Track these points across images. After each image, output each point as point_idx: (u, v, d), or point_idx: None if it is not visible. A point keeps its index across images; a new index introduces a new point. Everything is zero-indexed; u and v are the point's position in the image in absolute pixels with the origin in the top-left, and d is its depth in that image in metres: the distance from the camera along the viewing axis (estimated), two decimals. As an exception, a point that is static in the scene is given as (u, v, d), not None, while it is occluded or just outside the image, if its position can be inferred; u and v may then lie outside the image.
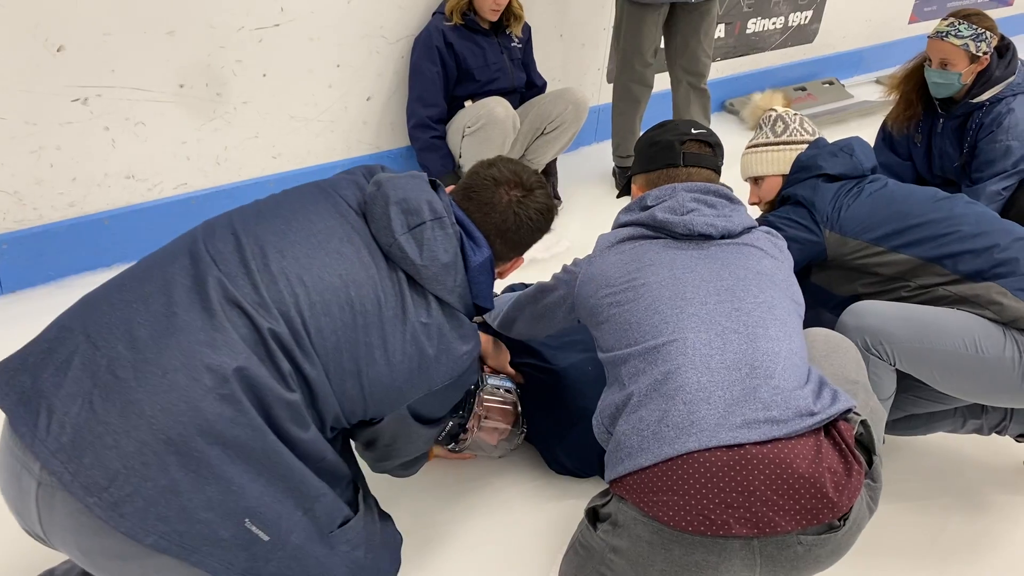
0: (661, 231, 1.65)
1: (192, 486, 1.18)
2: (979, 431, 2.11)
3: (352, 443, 1.64)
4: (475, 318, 1.63)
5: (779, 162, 2.21)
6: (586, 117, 3.27)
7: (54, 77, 2.44)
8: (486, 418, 1.99)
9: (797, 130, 2.22)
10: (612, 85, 3.66)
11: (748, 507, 1.30)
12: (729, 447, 1.33)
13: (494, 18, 3.07)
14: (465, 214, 1.57)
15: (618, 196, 2.06)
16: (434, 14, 3.09)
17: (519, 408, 2.05)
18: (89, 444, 1.17)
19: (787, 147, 2.20)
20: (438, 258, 1.46)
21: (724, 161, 1.83)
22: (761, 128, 2.29)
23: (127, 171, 2.73)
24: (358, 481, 1.54)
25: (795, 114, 2.27)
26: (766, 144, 2.24)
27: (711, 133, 1.82)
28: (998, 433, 2.11)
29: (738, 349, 1.45)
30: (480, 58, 3.09)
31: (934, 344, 1.82)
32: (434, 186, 1.57)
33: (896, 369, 1.87)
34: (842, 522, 1.34)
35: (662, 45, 3.52)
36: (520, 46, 3.23)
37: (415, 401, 1.52)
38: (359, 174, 1.60)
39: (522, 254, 1.70)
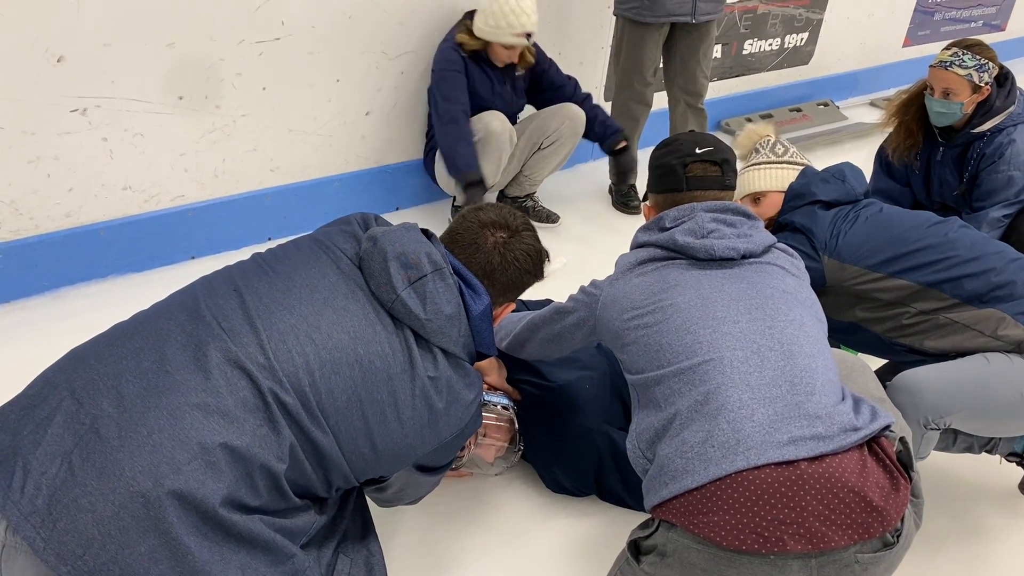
0: (681, 254, 1.64)
1: (169, 555, 1.13)
2: (970, 450, 2.11)
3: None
4: None
5: (782, 179, 2.21)
6: (583, 132, 3.29)
7: (53, 87, 2.44)
8: (484, 435, 1.99)
9: (796, 154, 2.24)
10: (610, 103, 3.68)
11: (801, 523, 1.29)
12: (779, 464, 1.32)
13: (503, 64, 3.14)
14: (457, 260, 1.55)
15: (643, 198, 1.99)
16: (444, 43, 3.11)
17: (516, 425, 2.04)
18: (65, 508, 1.12)
19: (789, 167, 2.21)
20: (442, 310, 1.43)
21: (736, 173, 1.80)
22: (759, 150, 2.30)
23: (124, 182, 2.72)
24: (341, 540, 1.50)
25: (786, 142, 2.29)
26: (768, 162, 2.24)
27: (719, 150, 1.75)
28: (988, 452, 2.11)
29: (776, 366, 1.44)
30: (487, 87, 3.13)
31: (989, 404, 1.83)
32: (427, 235, 1.55)
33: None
34: (895, 538, 1.34)
35: (661, 65, 3.55)
36: (522, 74, 3.25)
37: (422, 456, 1.50)
38: (355, 224, 1.56)
39: (513, 299, 1.67)
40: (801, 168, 2.20)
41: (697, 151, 1.73)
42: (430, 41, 3.23)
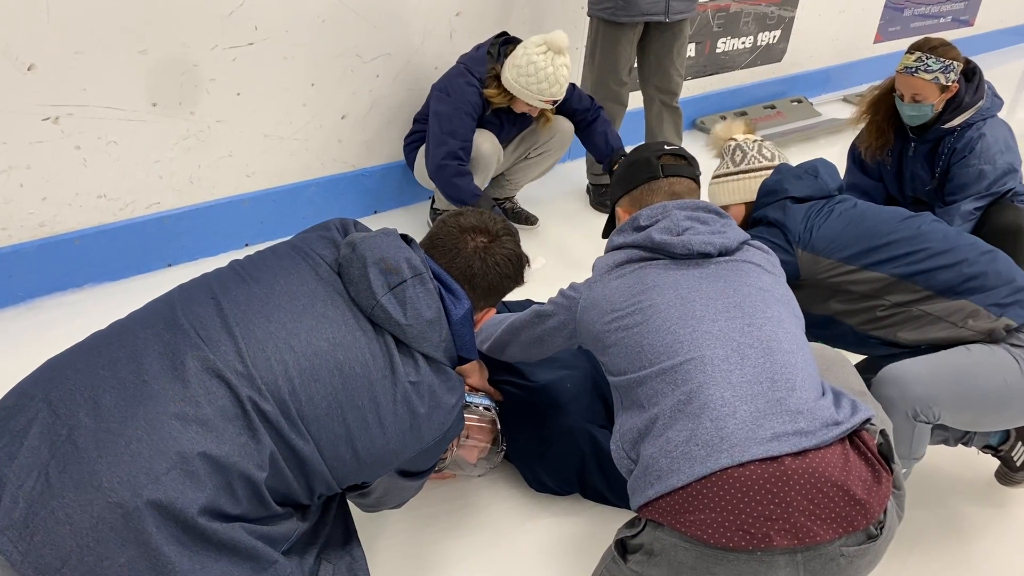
0: (659, 252, 1.66)
1: (149, 566, 1.13)
2: (946, 442, 2.14)
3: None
4: None
5: (739, 191, 2.25)
6: (569, 146, 3.31)
7: (24, 96, 2.41)
8: (466, 436, 1.99)
9: (755, 157, 2.25)
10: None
11: (787, 518, 1.30)
12: (763, 460, 1.33)
13: (520, 112, 3.08)
14: (437, 265, 1.55)
15: (604, 236, 2.03)
16: (467, 75, 2.98)
17: (499, 426, 2.04)
18: (42, 520, 1.11)
19: (746, 176, 2.24)
20: (422, 315, 1.43)
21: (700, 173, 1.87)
22: (723, 158, 2.33)
23: (99, 190, 2.69)
24: (323, 547, 1.49)
25: (754, 141, 2.30)
26: (726, 175, 2.29)
27: (683, 149, 1.87)
28: (964, 444, 2.14)
29: (756, 363, 1.45)
30: (496, 126, 3.10)
31: (975, 392, 1.84)
32: (406, 240, 1.55)
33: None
34: (879, 530, 1.35)
35: (636, 64, 3.57)
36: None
37: (404, 461, 1.50)
38: (334, 230, 1.56)
39: (494, 304, 1.67)
40: (761, 172, 2.23)
41: (666, 148, 1.84)
42: (404, 43, 3.23)
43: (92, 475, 1.14)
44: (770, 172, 2.22)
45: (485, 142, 3.03)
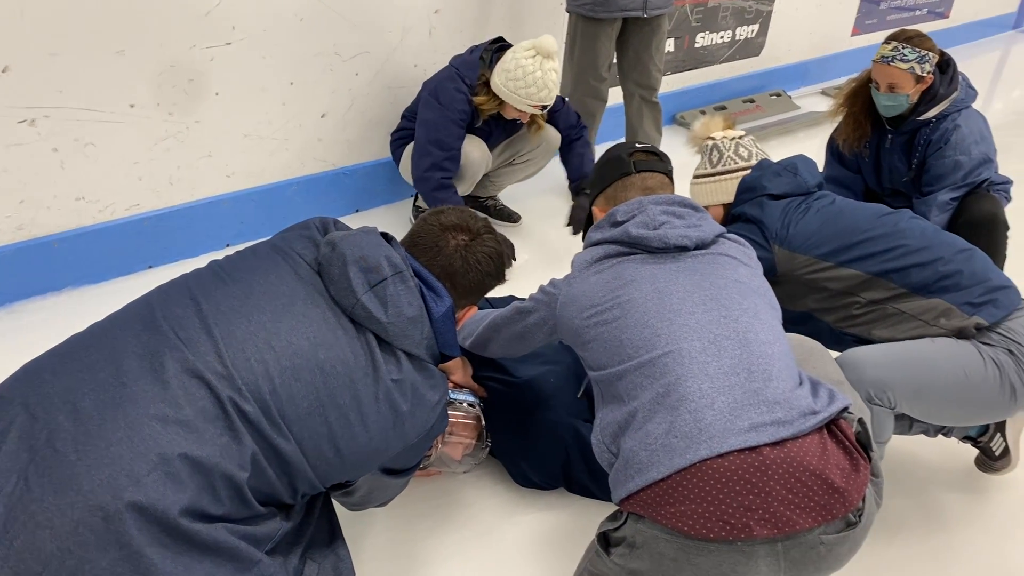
0: (636, 247, 1.67)
1: (132, 568, 1.12)
2: (926, 433, 2.16)
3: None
4: None
5: (717, 193, 2.27)
6: (554, 155, 3.31)
7: (-1, 98, 2.40)
8: (451, 433, 1.99)
9: (731, 158, 2.27)
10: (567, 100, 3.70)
11: (766, 508, 1.31)
12: (742, 451, 1.34)
13: (510, 119, 3.07)
14: (418, 263, 1.55)
15: (577, 234, 2.06)
16: (456, 80, 2.95)
17: (483, 422, 2.05)
18: (22, 525, 1.10)
19: (722, 177, 2.26)
20: (403, 313, 1.43)
21: (673, 168, 1.88)
22: (702, 158, 2.35)
23: (77, 192, 2.68)
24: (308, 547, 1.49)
25: (732, 139, 2.31)
26: (704, 176, 2.31)
27: (654, 146, 1.89)
28: (944, 435, 2.17)
29: (733, 354, 1.47)
30: (484, 133, 3.10)
31: (931, 381, 1.85)
32: (386, 238, 1.55)
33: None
34: (857, 518, 1.37)
35: (615, 60, 3.58)
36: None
37: (389, 459, 1.50)
38: (313, 229, 1.55)
39: (475, 302, 1.68)
40: (737, 173, 2.24)
41: (637, 145, 1.85)
42: (383, 41, 3.23)
43: (72, 478, 1.13)
44: (748, 171, 2.23)
45: (475, 150, 3.03)
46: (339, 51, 3.12)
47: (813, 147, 3.05)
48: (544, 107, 2.95)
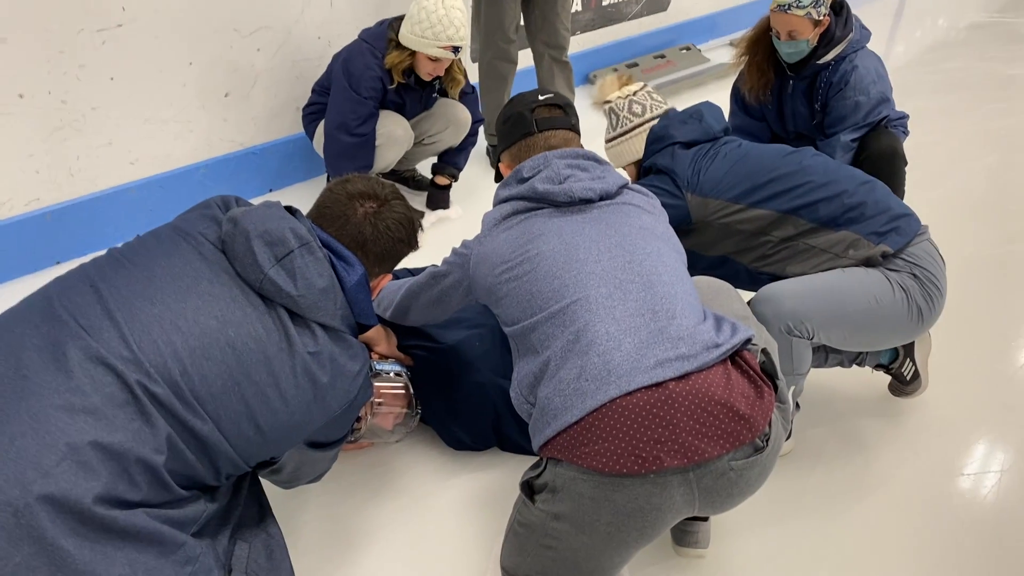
0: (543, 201, 1.69)
1: (48, 561, 1.10)
2: (841, 364, 2.25)
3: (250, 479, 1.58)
4: None
5: (623, 154, 2.32)
6: (464, 136, 3.26)
7: None
8: (380, 404, 1.99)
9: (627, 118, 2.29)
10: (477, 65, 3.68)
11: (675, 439, 1.35)
12: (648, 387, 1.38)
13: (428, 79, 3.02)
14: (325, 233, 1.53)
15: (496, 180, 2.07)
16: (367, 56, 2.91)
17: (411, 390, 2.05)
18: None
19: (624, 138, 2.30)
20: (314, 284, 1.42)
21: (580, 121, 1.87)
22: (607, 123, 2.37)
23: (-30, 190, 2.56)
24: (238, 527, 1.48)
25: (625, 98, 2.32)
26: (609, 141, 2.35)
27: (558, 96, 1.86)
28: (858, 365, 2.26)
29: (638, 297, 1.51)
30: (399, 106, 3.06)
31: (845, 309, 1.92)
32: (291, 211, 1.52)
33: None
34: (764, 443, 1.42)
35: (522, 22, 3.57)
36: (436, 96, 3.19)
37: (313, 432, 1.49)
38: (214, 207, 1.52)
39: (389, 269, 1.67)
40: (635, 131, 2.27)
41: (540, 98, 1.83)
42: (283, 14, 3.15)
43: None
44: (647, 126, 2.26)
45: (398, 128, 3.01)
46: (238, 27, 3.03)
47: (724, 97, 3.10)
48: (455, 48, 2.88)
